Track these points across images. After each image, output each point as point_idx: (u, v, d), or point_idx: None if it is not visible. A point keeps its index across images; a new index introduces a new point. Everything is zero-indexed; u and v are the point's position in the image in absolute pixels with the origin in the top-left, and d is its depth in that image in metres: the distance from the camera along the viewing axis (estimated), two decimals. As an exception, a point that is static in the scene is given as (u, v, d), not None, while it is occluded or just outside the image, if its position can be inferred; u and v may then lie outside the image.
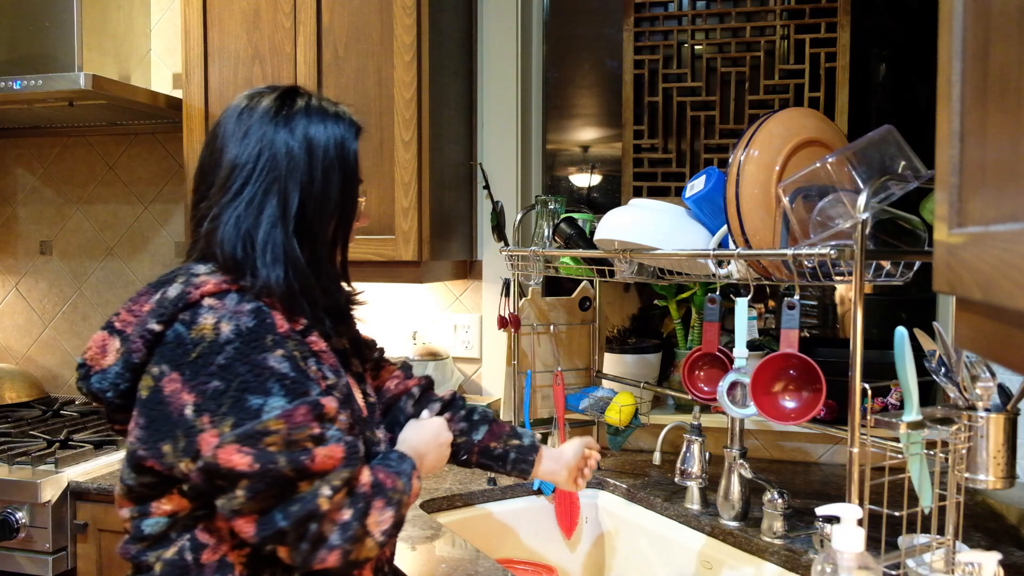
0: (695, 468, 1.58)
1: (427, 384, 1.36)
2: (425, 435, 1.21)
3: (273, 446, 0.90)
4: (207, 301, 0.97)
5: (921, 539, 1.21)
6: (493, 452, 1.33)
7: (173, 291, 0.98)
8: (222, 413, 0.92)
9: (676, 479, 1.59)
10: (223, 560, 0.99)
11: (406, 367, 1.37)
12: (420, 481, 1.09)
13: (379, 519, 0.97)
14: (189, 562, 0.98)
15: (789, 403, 1.32)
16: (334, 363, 1.08)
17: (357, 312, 1.22)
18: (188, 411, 0.93)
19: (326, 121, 1.07)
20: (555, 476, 1.39)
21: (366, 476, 0.98)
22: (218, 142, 1.07)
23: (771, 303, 2.20)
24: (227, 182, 1.04)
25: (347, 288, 1.19)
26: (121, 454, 1.99)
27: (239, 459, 0.89)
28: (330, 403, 0.96)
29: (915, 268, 1.25)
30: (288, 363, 0.95)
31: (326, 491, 0.92)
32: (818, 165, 1.19)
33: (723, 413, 1.42)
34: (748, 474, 1.50)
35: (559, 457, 1.38)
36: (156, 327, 0.97)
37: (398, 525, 1.01)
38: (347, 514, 0.94)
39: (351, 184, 1.10)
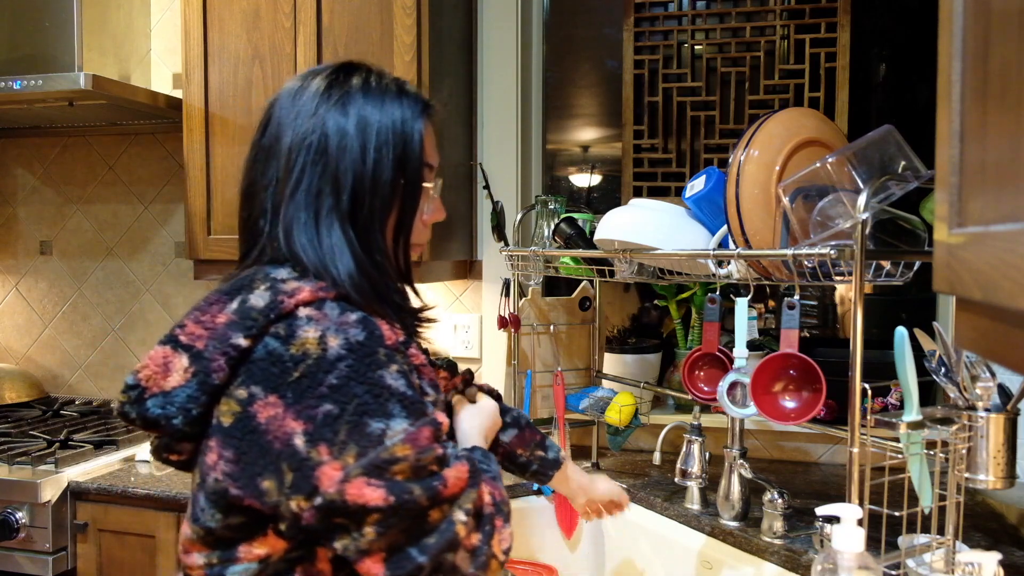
0: (695, 468, 1.58)
1: (469, 379, 1.29)
2: (490, 422, 1.14)
3: (401, 474, 0.81)
4: (304, 311, 0.85)
5: (921, 539, 1.21)
6: (517, 459, 1.31)
7: (258, 299, 0.86)
8: (341, 442, 0.80)
9: (676, 479, 1.59)
10: None
11: (451, 365, 1.29)
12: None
13: (501, 538, 0.89)
14: None
15: (789, 403, 1.32)
16: (432, 377, 0.98)
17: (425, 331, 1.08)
18: (298, 441, 0.81)
19: (384, 98, 0.97)
20: (573, 497, 1.37)
21: (487, 495, 0.90)
22: (271, 127, 0.97)
23: (771, 303, 2.20)
24: (288, 172, 0.94)
25: (417, 298, 1.05)
26: (122, 454, 1.99)
27: (371, 493, 0.79)
28: (444, 419, 0.88)
29: (915, 268, 1.25)
30: (403, 380, 0.85)
31: (461, 516, 0.84)
32: (818, 165, 1.19)
33: (723, 413, 1.42)
34: (748, 474, 1.50)
35: (588, 487, 1.36)
36: (243, 342, 0.84)
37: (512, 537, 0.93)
38: (476, 538, 0.86)
39: (411, 167, 0.97)
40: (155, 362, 0.89)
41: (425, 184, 1.01)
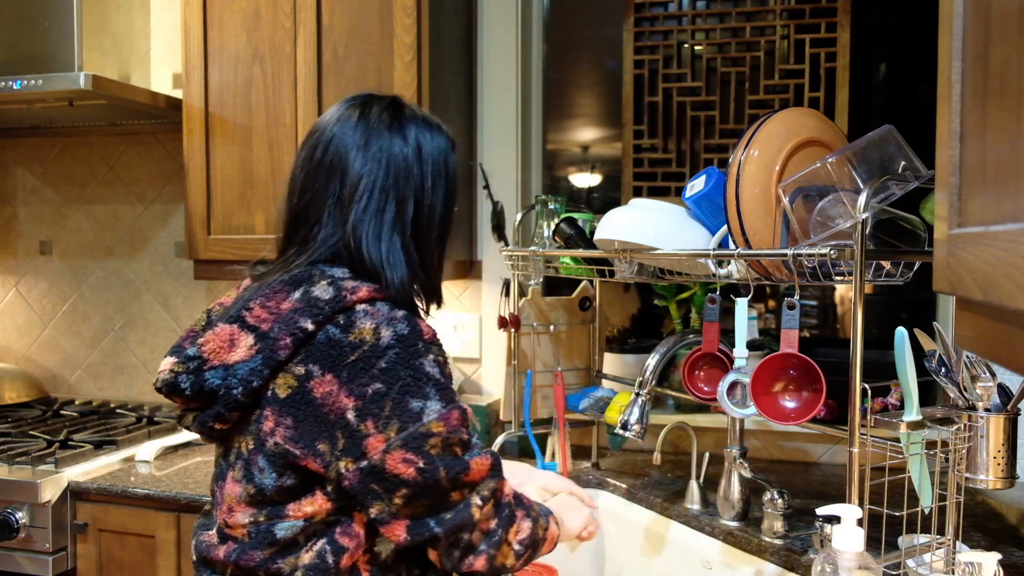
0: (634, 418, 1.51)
1: None
2: (566, 511, 1.24)
3: (434, 449, 0.95)
4: (361, 307, 0.98)
5: (921, 539, 1.21)
6: None
7: (322, 292, 0.99)
8: (385, 416, 0.95)
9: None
10: (355, 566, 1.01)
11: None
12: (559, 528, 1.15)
13: (518, 528, 1.05)
14: (331, 565, 0.98)
15: (789, 403, 1.32)
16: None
17: None
18: (350, 415, 0.95)
19: (432, 131, 1.12)
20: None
21: (508, 487, 1.05)
22: (332, 148, 1.08)
23: (771, 303, 2.20)
24: (354, 189, 1.06)
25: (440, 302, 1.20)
26: (121, 454, 1.99)
27: (404, 468, 0.94)
28: (469, 408, 1.02)
29: (915, 268, 1.25)
30: (437, 368, 1.00)
31: (477, 501, 0.99)
32: (818, 165, 1.19)
33: (723, 413, 1.42)
34: (748, 474, 1.50)
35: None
36: (309, 326, 0.97)
37: (534, 543, 1.07)
38: (493, 523, 1.02)
39: (453, 193, 1.15)
40: (220, 338, 0.99)
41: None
